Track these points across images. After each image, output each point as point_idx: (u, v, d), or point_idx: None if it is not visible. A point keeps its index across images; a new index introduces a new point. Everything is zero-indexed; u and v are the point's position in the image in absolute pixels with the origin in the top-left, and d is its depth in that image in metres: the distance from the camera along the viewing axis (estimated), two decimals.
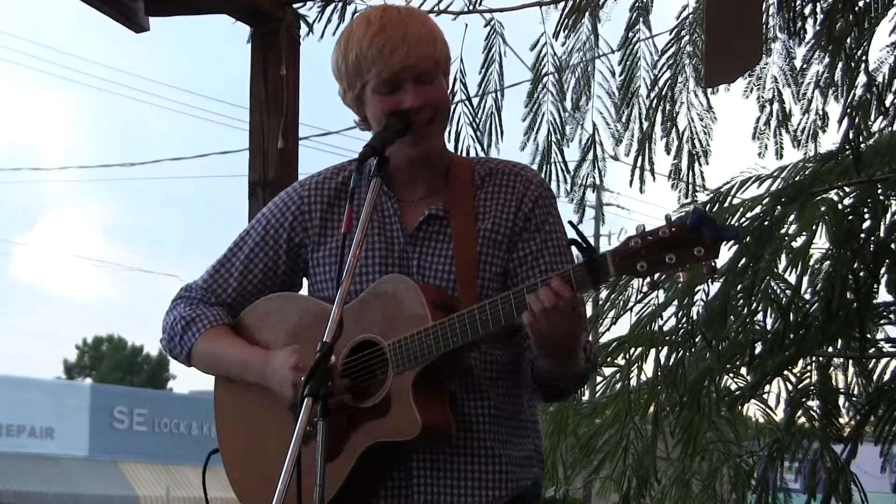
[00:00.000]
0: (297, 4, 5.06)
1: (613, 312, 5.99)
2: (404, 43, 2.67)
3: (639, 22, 6.00)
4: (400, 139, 2.69)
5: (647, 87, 6.05)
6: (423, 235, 2.78)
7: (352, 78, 2.73)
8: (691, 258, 2.41)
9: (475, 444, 2.74)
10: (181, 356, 2.91)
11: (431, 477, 2.72)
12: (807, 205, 5.30)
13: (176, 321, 2.90)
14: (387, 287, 2.70)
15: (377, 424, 2.64)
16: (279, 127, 4.76)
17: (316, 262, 2.85)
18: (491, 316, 2.55)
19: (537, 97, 6.04)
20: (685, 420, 5.65)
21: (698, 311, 5.58)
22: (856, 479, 5.73)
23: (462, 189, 2.79)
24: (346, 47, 2.73)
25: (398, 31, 2.68)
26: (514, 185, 2.80)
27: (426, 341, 2.59)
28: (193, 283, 2.96)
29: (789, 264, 5.39)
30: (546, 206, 2.80)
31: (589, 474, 6.35)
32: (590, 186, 6.19)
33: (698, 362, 5.70)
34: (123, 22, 4.86)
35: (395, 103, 2.68)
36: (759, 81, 6.26)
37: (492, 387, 2.76)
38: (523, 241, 2.77)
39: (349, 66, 2.72)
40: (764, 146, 6.28)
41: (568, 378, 2.69)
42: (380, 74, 2.67)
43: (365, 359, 2.68)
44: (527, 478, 2.80)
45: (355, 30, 2.73)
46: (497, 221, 2.77)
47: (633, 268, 2.43)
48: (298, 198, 2.89)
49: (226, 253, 2.95)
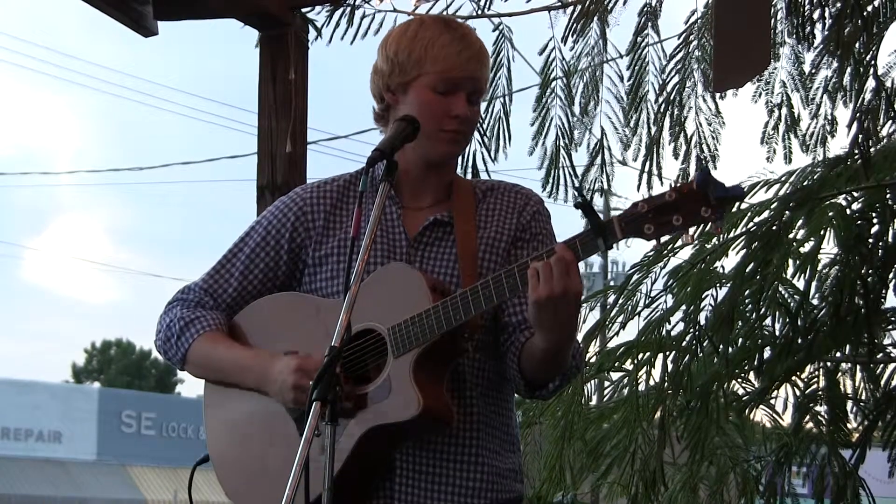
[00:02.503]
0: (305, 8, 5.07)
1: (622, 317, 5.98)
2: (479, 56, 2.79)
3: (647, 26, 6.01)
4: (431, 139, 2.75)
5: (655, 91, 6.04)
6: (425, 241, 2.81)
7: (411, 65, 2.77)
8: (698, 217, 2.43)
9: (460, 451, 2.74)
10: (176, 358, 2.88)
11: (415, 481, 2.72)
12: (815, 210, 5.29)
13: (172, 323, 2.88)
14: (386, 275, 2.72)
15: (376, 408, 2.63)
16: (287, 131, 4.77)
17: (317, 259, 2.85)
18: (495, 290, 2.57)
19: (545, 102, 6.04)
20: (693, 425, 5.64)
21: (706, 316, 5.57)
22: (864, 485, 5.72)
23: (465, 201, 2.85)
24: (414, 37, 2.77)
25: (476, 44, 2.80)
26: (514, 199, 2.88)
27: (427, 322, 2.60)
28: (192, 284, 2.94)
29: (797, 269, 5.38)
30: (543, 221, 2.87)
31: (597, 479, 6.34)
32: (598, 191, 6.19)
33: (706, 367, 5.69)
34: (132, 26, 4.88)
35: (445, 105, 2.75)
36: (767, 86, 6.25)
37: (480, 396, 2.77)
38: (518, 248, 2.82)
39: (414, 53, 2.76)
40: (772, 151, 6.27)
41: (554, 370, 2.69)
42: (448, 72, 2.74)
43: (362, 346, 2.68)
44: (510, 491, 2.80)
45: (430, 25, 2.80)
46: (498, 230, 2.83)
47: (640, 230, 2.46)
48: (301, 200, 2.90)
49: (226, 255, 2.93)
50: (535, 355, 2.66)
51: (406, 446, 2.72)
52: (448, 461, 2.73)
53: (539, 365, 2.68)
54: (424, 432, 2.70)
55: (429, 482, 2.73)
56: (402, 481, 2.72)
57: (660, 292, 5.85)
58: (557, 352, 2.62)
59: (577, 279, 2.49)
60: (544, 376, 2.72)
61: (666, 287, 5.81)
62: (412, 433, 2.68)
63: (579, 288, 2.50)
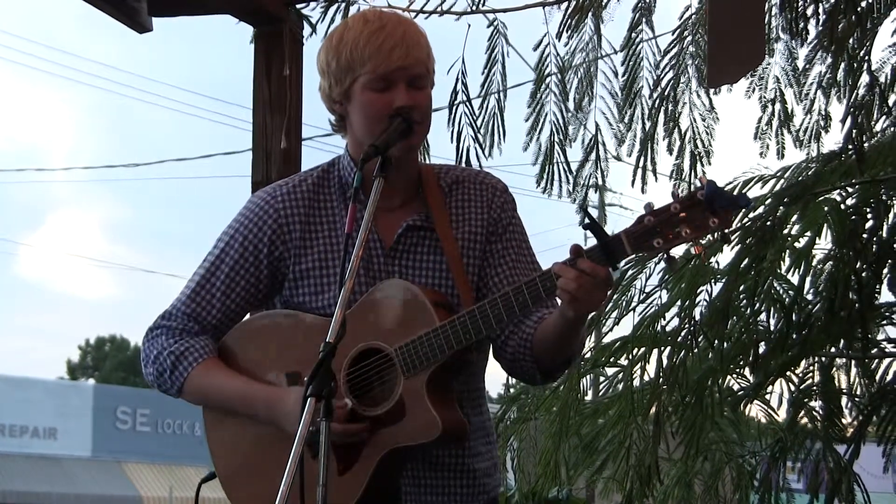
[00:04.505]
0: (300, 5, 5.07)
1: (616, 313, 5.98)
2: (403, 43, 2.70)
3: (641, 22, 6.01)
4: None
5: (649, 87, 6.05)
6: (402, 249, 2.78)
7: (342, 73, 2.72)
8: (706, 229, 2.42)
9: (453, 462, 2.76)
10: (171, 392, 2.82)
11: (416, 495, 2.74)
12: (809, 205, 5.30)
13: (162, 356, 2.80)
14: (384, 293, 2.69)
15: (392, 430, 2.62)
16: (282, 127, 4.76)
17: (298, 273, 2.80)
18: (504, 309, 2.56)
19: (540, 97, 6.04)
20: (688, 420, 5.65)
21: (701, 311, 5.57)
22: (858, 480, 5.73)
23: (435, 198, 2.82)
24: (339, 42, 2.73)
25: (397, 31, 2.71)
26: (482, 192, 2.86)
27: (436, 341, 2.58)
28: (172, 309, 2.85)
29: (792, 265, 5.38)
30: (510, 210, 2.88)
31: (592, 474, 6.35)
32: (592, 187, 6.20)
33: (701, 363, 5.70)
34: (127, 22, 4.87)
35: (387, 101, 2.69)
36: (761, 82, 6.26)
37: (465, 394, 2.77)
38: (492, 244, 2.82)
39: (341, 60, 2.72)
40: (766, 146, 6.29)
41: (574, 340, 2.68)
42: (376, 69, 2.68)
43: (368, 367, 2.66)
44: (494, 487, 2.84)
45: (352, 25, 2.74)
46: (471, 228, 2.82)
47: (649, 245, 2.45)
48: (274, 211, 2.82)
49: (203, 273, 2.85)
50: (558, 330, 2.63)
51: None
52: (445, 472, 2.76)
53: (559, 341, 2.66)
54: (439, 448, 2.71)
55: (430, 493, 2.75)
56: (405, 497, 2.73)
57: (655, 288, 5.86)
58: (581, 322, 2.62)
59: (605, 288, 2.51)
60: (564, 351, 2.69)
61: (661, 282, 5.81)
62: (428, 451, 2.69)
63: (602, 295, 2.53)
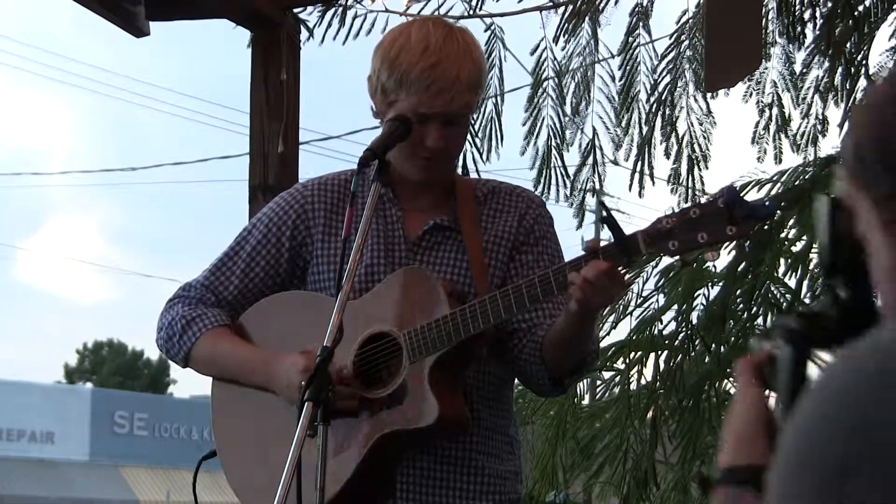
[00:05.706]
0: (297, 9, 5.08)
1: (613, 316, 5.98)
2: (453, 88, 2.65)
3: (639, 26, 6.02)
4: (409, 160, 2.72)
5: (646, 91, 6.05)
6: (425, 245, 2.80)
7: (389, 88, 2.70)
8: (724, 236, 2.43)
9: (462, 456, 2.74)
10: (178, 356, 2.86)
11: (418, 485, 2.72)
12: (806, 209, 5.30)
13: (175, 321, 2.85)
14: (402, 280, 2.71)
15: (390, 413, 2.63)
16: (279, 131, 4.76)
17: (319, 259, 2.85)
18: (515, 300, 2.55)
19: (537, 102, 6.05)
20: (685, 424, 5.65)
21: (698, 315, 5.58)
22: None
23: (467, 203, 2.83)
24: (395, 59, 2.68)
25: (451, 72, 2.65)
26: (516, 202, 2.86)
27: (445, 329, 2.59)
28: (192, 281, 2.92)
29: (789, 268, 5.39)
30: (545, 224, 2.86)
31: (588, 478, 6.35)
32: (590, 191, 6.20)
33: (698, 367, 5.70)
34: (123, 26, 4.86)
35: (420, 132, 2.67)
36: (758, 86, 6.26)
37: (482, 399, 2.76)
38: (521, 253, 2.81)
39: (392, 78, 2.68)
40: (763, 151, 6.28)
41: (586, 342, 2.68)
42: (416, 108, 2.66)
43: (377, 350, 2.68)
44: (511, 492, 2.81)
45: (413, 46, 2.67)
46: (500, 234, 2.81)
47: (665, 247, 2.45)
48: (301, 197, 2.89)
49: (227, 251, 2.92)
50: (565, 335, 2.63)
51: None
52: (451, 465, 2.74)
53: (569, 340, 2.65)
54: (439, 439, 2.70)
55: (431, 486, 2.73)
56: (403, 486, 2.72)
57: (651, 291, 5.86)
58: (591, 320, 2.62)
59: (619, 288, 2.52)
60: (575, 353, 2.69)
61: (658, 286, 5.82)
62: (427, 439, 2.68)
63: (622, 291, 2.56)
